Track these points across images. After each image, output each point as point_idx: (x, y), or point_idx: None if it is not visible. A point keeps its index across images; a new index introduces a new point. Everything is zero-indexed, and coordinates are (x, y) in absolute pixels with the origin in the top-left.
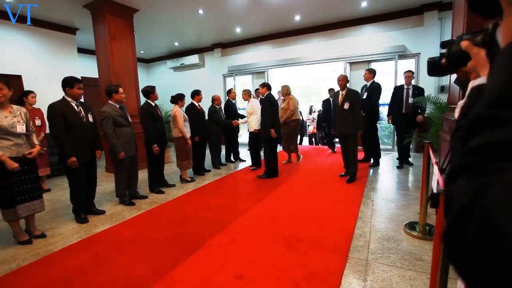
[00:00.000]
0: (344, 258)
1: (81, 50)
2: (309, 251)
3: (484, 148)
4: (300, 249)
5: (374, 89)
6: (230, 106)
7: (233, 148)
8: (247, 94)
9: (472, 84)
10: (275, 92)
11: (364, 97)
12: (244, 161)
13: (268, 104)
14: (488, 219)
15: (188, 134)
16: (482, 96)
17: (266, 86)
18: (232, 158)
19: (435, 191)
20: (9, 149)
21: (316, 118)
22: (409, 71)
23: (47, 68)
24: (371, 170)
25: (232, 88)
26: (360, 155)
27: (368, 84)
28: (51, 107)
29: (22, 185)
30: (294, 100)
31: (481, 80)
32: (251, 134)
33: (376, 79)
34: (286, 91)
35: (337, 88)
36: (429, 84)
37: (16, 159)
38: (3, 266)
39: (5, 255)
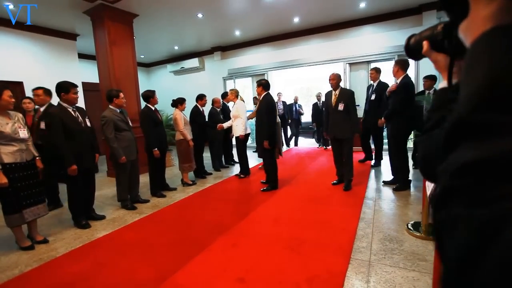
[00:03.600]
0: (346, 260)
1: (81, 56)
2: (311, 253)
3: (480, 165)
4: (302, 251)
5: (384, 89)
6: (225, 110)
7: (225, 151)
8: (233, 95)
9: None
10: (273, 93)
11: (373, 98)
12: (227, 167)
13: (265, 108)
14: None
15: (189, 136)
16: (454, 97)
17: (263, 85)
18: (224, 161)
19: (428, 192)
20: (13, 154)
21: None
22: (373, 68)
23: (48, 74)
24: (373, 171)
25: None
26: (360, 155)
27: (375, 84)
28: (49, 115)
29: (27, 189)
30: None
31: (443, 84)
32: (237, 139)
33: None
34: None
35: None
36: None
37: (21, 164)
38: (6, 272)
39: (8, 261)
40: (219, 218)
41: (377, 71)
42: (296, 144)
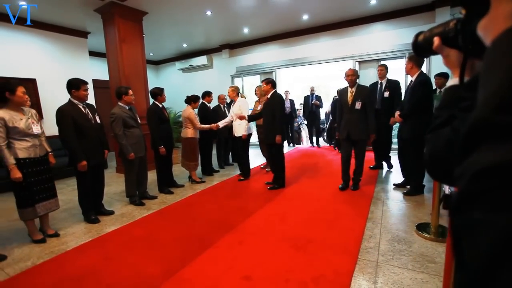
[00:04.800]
0: (353, 260)
1: (92, 53)
2: (318, 252)
3: (504, 169)
4: (309, 250)
5: (396, 86)
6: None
7: (233, 149)
8: (234, 92)
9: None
10: (281, 92)
11: (386, 95)
12: (232, 164)
13: (279, 104)
14: None
15: (198, 135)
16: (466, 95)
17: (271, 83)
18: (231, 159)
19: (447, 192)
20: (27, 150)
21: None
22: (382, 65)
23: (60, 71)
24: (382, 171)
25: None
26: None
27: (384, 81)
28: (60, 111)
29: (40, 184)
30: None
31: (453, 81)
32: (239, 139)
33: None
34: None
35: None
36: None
37: (34, 159)
38: (19, 264)
39: (21, 253)
40: (226, 215)
41: (386, 68)
42: (317, 143)
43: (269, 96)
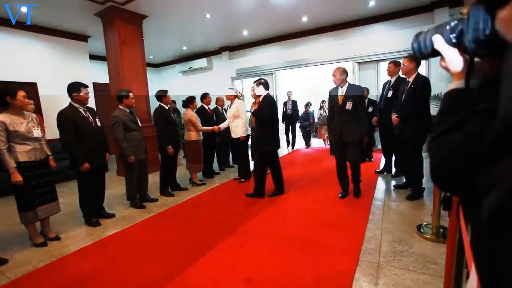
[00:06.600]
0: (355, 261)
1: (92, 57)
2: (319, 254)
3: None
4: (310, 252)
5: (402, 85)
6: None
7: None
8: (232, 95)
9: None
10: (283, 93)
11: (390, 95)
12: (233, 166)
13: (266, 108)
14: None
15: (201, 136)
16: (478, 97)
17: (262, 84)
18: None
19: (448, 193)
20: (28, 153)
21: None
22: (391, 61)
23: (61, 75)
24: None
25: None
26: (372, 163)
27: (393, 80)
28: (61, 114)
29: (40, 188)
30: None
31: (455, 84)
32: (237, 141)
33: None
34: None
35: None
36: (442, 85)
37: (35, 163)
38: (21, 268)
39: (22, 257)
40: (227, 218)
41: (396, 64)
42: (369, 158)
43: (260, 99)
